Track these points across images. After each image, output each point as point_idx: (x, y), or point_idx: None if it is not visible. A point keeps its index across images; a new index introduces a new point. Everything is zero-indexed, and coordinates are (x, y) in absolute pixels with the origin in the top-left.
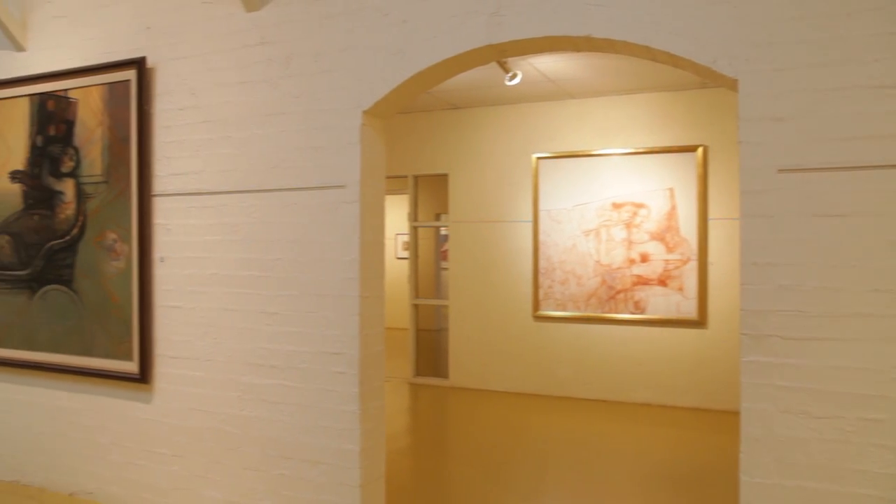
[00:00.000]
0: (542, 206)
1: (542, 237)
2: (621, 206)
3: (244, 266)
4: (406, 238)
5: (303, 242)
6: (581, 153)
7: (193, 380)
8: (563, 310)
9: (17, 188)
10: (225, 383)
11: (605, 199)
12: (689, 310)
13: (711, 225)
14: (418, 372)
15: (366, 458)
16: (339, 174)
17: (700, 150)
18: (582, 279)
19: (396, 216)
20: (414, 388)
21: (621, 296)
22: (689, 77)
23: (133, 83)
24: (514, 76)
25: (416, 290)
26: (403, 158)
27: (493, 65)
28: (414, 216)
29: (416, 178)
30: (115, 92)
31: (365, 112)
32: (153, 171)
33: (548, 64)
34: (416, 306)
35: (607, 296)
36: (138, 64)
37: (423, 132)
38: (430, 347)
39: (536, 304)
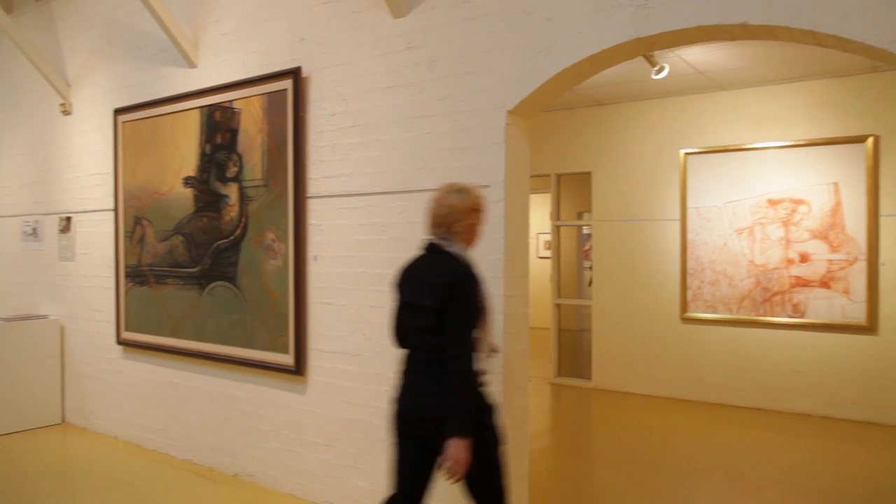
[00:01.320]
0: (690, 203)
1: (690, 236)
2: (778, 202)
3: (392, 265)
4: (548, 237)
5: None
6: (733, 147)
7: (344, 373)
8: (714, 312)
9: (189, 192)
10: (373, 377)
11: (760, 195)
12: (857, 314)
13: (883, 222)
14: (560, 372)
15: (509, 455)
16: (484, 174)
17: (870, 140)
18: (734, 280)
19: (538, 215)
20: (555, 389)
21: (778, 298)
22: (857, 61)
23: (289, 92)
24: (661, 69)
25: (558, 289)
26: (545, 157)
27: (640, 59)
28: (556, 215)
29: (558, 176)
30: (274, 101)
31: (509, 112)
32: (307, 174)
33: (697, 55)
34: (558, 306)
35: (762, 298)
36: (294, 74)
37: (565, 130)
38: (572, 348)
39: (684, 306)
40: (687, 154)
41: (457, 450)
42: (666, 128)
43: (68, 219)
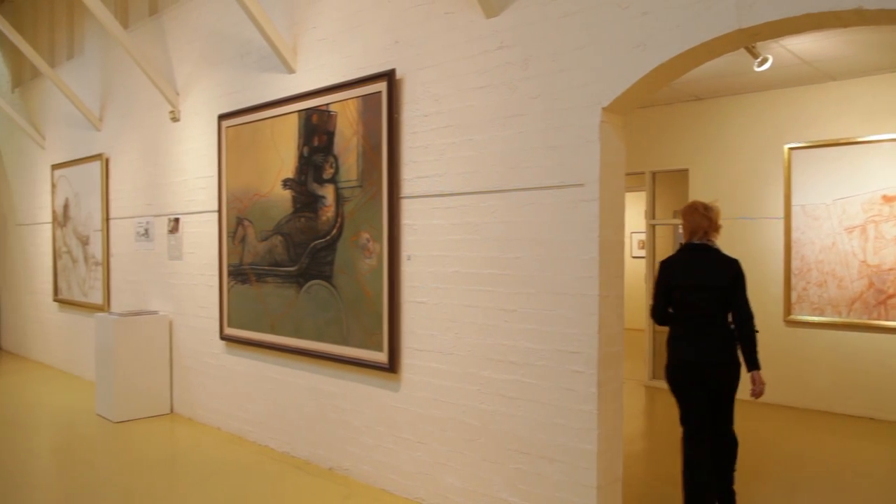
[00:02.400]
0: (795, 200)
1: (795, 235)
2: (894, 199)
3: (484, 264)
4: (642, 237)
5: (541, 241)
6: (843, 141)
7: (437, 372)
8: (821, 315)
9: (287, 194)
10: (465, 376)
11: (874, 191)
12: None
13: None
14: (654, 375)
15: (603, 459)
16: (578, 172)
17: None
18: (843, 281)
19: (632, 214)
20: (650, 392)
21: (894, 301)
22: None
23: (384, 94)
24: (765, 61)
25: None
26: (640, 154)
27: (741, 51)
28: (651, 214)
29: (653, 174)
30: (369, 103)
31: (604, 109)
32: (401, 174)
33: (803, 44)
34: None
35: (875, 300)
36: (388, 76)
37: (661, 126)
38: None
39: (788, 308)
40: (792, 149)
41: (759, 377)
42: (769, 122)
43: (176, 220)
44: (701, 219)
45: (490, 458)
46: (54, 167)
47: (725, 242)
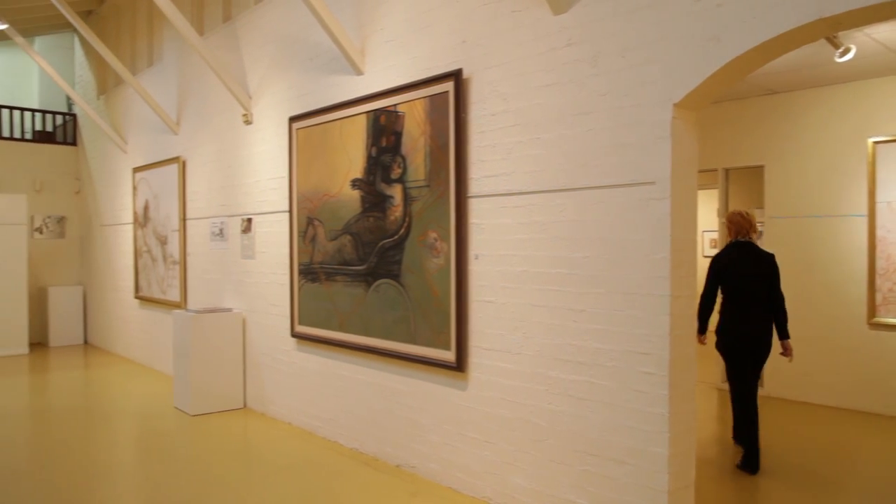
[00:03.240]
0: (880, 197)
1: (880, 233)
2: None
3: (552, 264)
4: (714, 235)
5: (610, 240)
6: None
7: (504, 371)
8: None
9: (356, 194)
10: (533, 376)
11: None
12: None
13: None
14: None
15: (674, 463)
16: (648, 170)
17: None
18: None
19: (703, 212)
20: (723, 395)
21: None
22: None
23: (451, 94)
24: (847, 51)
25: None
26: (712, 151)
27: (821, 41)
28: (724, 212)
29: (726, 171)
30: (436, 103)
31: (675, 105)
32: (469, 174)
33: (889, 32)
34: None
35: None
36: (455, 76)
37: (735, 122)
38: None
39: (872, 310)
40: (876, 143)
41: (789, 344)
42: (851, 115)
43: (249, 220)
44: (743, 221)
45: (558, 459)
46: (135, 170)
47: (804, 242)
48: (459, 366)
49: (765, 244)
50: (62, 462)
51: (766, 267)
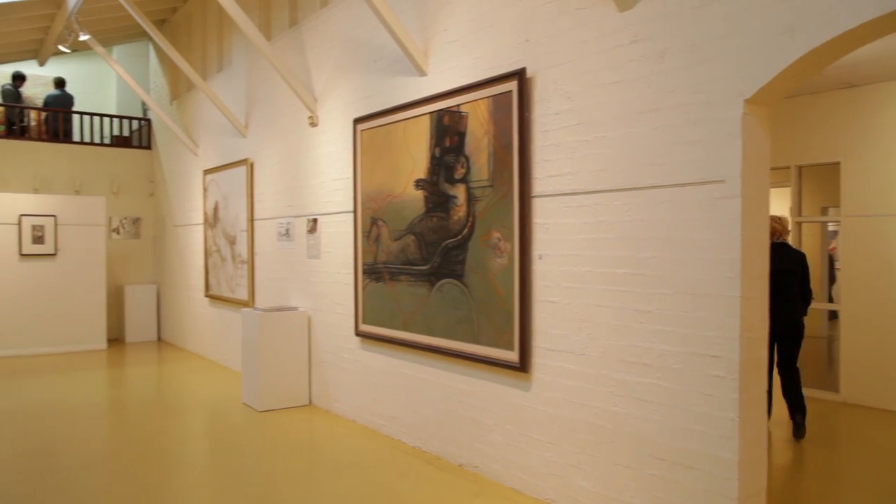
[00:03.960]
0: None
1: None
2: None
3: (618, 264)
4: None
5: (677, 240)
6: None
7: (568, 372)
8: None
9: (420, 194)
10: (598, 378)
11: None
12: None
13: None
14: (802, 383)
15: (745, 469)
16: (717, 169)
17: None
18: None
19: (776, 211)
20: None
21: None
22: None
23: (514, 93)
24: None
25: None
26: (785, 147)
27: None
28: (797, 210)
29: (799, 168)
30: (499, 103)
31: (747, 101)
32: (532, 173)
33: None
34: None
35: None
36: (519, 75)
37: (809, 117)
38: (815, 357)
39: None
40: None
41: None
42: None
43: (315, 220)
44: (777, 225)
45: (623, 462)
46: (206, 172)
47: (884, 242)
48: (523, 366)
49: (841, 244)
50: (137, 453)
51: (799, 264)
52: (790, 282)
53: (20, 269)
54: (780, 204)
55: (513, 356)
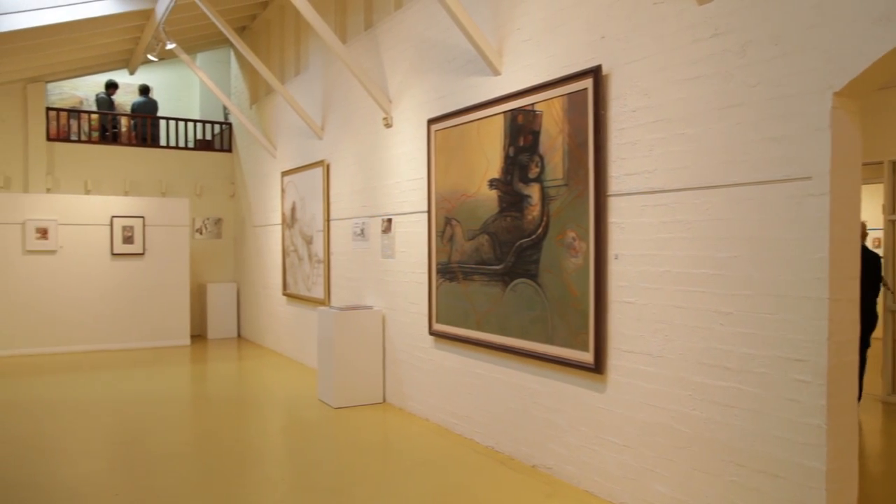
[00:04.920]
0: None
1: None
2: None
3: (697, 264)
4: (879, 234)
5: (760, 239)
6: None
7: (645, 374)
8: None
9: (493, 194)
10: (676, 381)
11: None
12: None
13: None
14: (895, 389)
15: (833, 480)
16: (804, 165)
17: None
18: None
19: (866, 208)
20: (889, 408)
21: None
22: None
23: (589, 91)
24: None
25: (894, 293)
26: (878, 142)
27: None
28: (890, 208)
29: (893, 163)
30: (574, 101)
31: (836, 94)
32: (608, 172)
33: None
34: (893, 312)
35: None
36: (594, 72)
37: None
38: None
39: None
40: None
41: None
42: None
43: (389, 220)
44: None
45: (702, 468)
46: (284, 174)
47: None
48: (598, 367)
49: None
50: (218, 445)
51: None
52: (863, 281)
53: (112, 267)
54: (872, 202)
55: (587, 357)
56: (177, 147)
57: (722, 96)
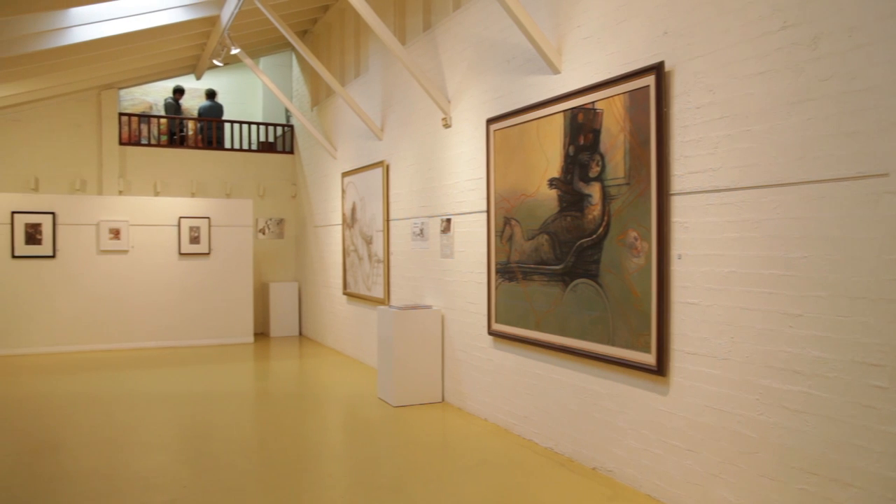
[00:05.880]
0: None
1: None
2: None
3: (764, 264)
4: None
5: (833, 239)
6: None
7: (709, 377)
8: None
9: (553, 193)
10: (742, 384)
11: None
12: None
13: None
14: None
15: None
16: (881, 161)
17: None
18: None
19: None
20: None
21: None
22: None
23: (652, 88)
24: None
25: None
26: None
27: None
28: None
29: None
30: (636, 98)
31: None
32: (671, 170)
33: None
34: None
35: None
36: (657, 69)
37: None
38: None
39: None
40: None
41: None
42: None
43: (448, 220)
44: None
45: (770, 474)
46: (344, 175)
47: None
48: (660, 369)
49: None
50: (281, 440)
51: None
52: None
53: (179, 267)
54: None
55: (650, 359)
56: (240, 149)
57: (792, 91)
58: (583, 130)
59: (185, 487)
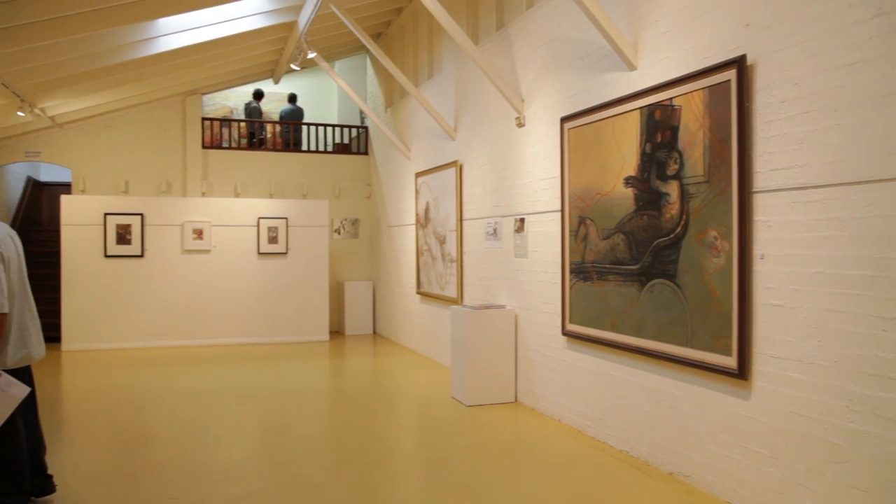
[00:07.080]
0: None
1: None
2: None
3: (854, 264)
4: None
5: None
6: None
7: (794, 382)
8: None
9: (629, 192)
10: (830, 390)
11: None
12: None
13: None
14: None
15: None
16: None
17: None
18: None
19: None
20: None
21: None
22: None
23: (733, 82)
24: None
25: None
26: None
27: None
28: None
29: None
30: (715, 93)
31: None
32: (753, 167)
33: None
34: None
35: None
36: (738, 63)
37: None
38: None
39: None
40: None
41: None
42: None
43: (521, 220)
44: None
45: (861, 486)
46: (417, 175)
47: None
48: (741, 373)
49: None
50: (355, 437)
51: None
52: None
53: (258, 266)
54: None
55: (730, 362)
56: (317, 151)
57: (885, 82)
58: (660, 128)
59: (264, 480)
